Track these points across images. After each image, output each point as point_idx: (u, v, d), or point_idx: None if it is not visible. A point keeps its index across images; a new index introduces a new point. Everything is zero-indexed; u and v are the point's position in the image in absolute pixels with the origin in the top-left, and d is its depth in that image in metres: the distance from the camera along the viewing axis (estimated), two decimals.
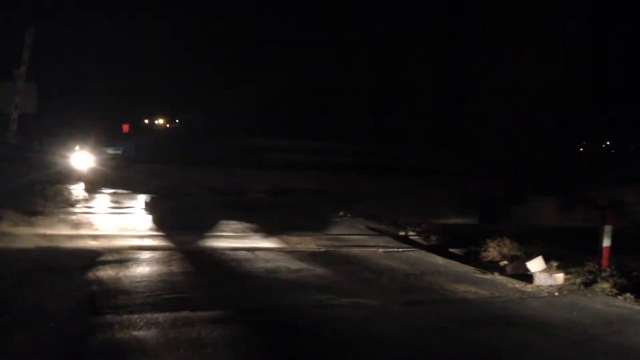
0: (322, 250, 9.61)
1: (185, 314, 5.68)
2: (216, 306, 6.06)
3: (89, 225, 10.41)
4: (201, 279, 7.30)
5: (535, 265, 8.17)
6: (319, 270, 8.09)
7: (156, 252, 8.53)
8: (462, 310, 6.65)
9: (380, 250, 9.91)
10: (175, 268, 7.62)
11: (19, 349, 4.69)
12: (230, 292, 6.80)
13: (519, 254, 9.01)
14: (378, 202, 15.17)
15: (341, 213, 13.28)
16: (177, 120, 41.57)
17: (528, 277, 8.06)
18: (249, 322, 5.67)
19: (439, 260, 9.43)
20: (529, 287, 7.79)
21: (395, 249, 10.07)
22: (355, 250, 9.75)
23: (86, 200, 13.12)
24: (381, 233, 11.58)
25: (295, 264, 8.35)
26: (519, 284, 7.93)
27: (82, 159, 16.65)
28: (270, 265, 8.20)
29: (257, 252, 8.96)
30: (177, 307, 5.88)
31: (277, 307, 6.27)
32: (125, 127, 26.47)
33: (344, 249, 9.77)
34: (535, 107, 25.74)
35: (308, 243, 10.07)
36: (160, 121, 43.11)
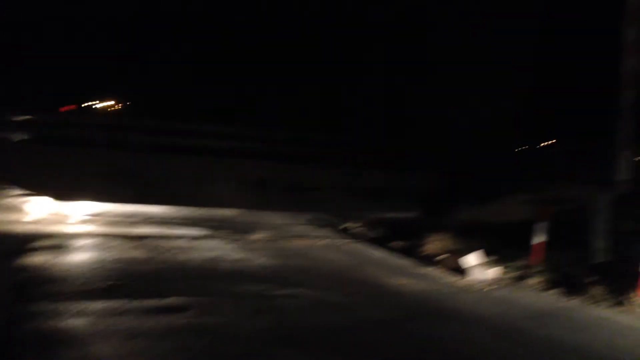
0: (263, 240, 9.59)
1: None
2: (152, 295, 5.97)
3: None
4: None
5: (472, 259, 8.38)
6: (260, 261, 8.07)
7: None
8: (399, 303, 6.77)
9: (322, 241, 9.97)
10: None
11: None
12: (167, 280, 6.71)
13: (457, 248, 9.23)
14: None
15: None
16: (128, 102, 39.58)
17: (463, 272, 8.26)
18: (184, 312, 5.61)
19: (379, 253, 9.57)
20: (464, 281, 8.00)
21: (337, 241, 10.15)
22: (297, 242, 9.77)
23: None
24: (324, 225, 11.64)
25: (236, 254, 8.30)
26: (455, 278, 8.13)
27: None
28: (210, 254, 8.14)
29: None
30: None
31: (214, 298, 6.22)
32: (65, 109, 25.15)
33: (285, 240, 9.78)
34: (477, 103, 26.11)
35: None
36: (111, 102, 41.01)
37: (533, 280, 8.09)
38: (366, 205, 13.91)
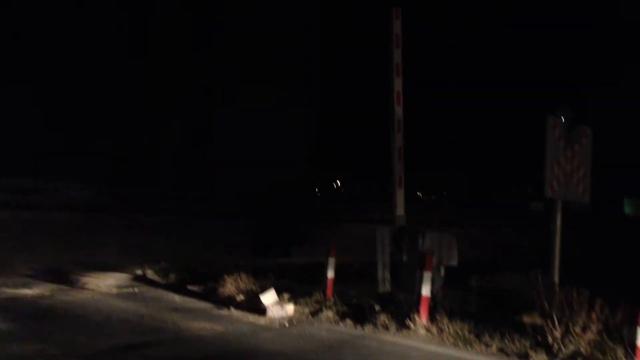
0: (46, 294, 8.71)
1: None
2: None
3: None
4: None
5: (268, 298, 8.51)
6: (36, 323, 7.28)
7: None
8: (197, 348, 6.60)
9: (114, 290, 9.36)
10: None
11: None
12: None
13: (254, 288, 9.32)
14: None
15: None
16: None
17: (262, 310, 8.35)
18: None
19: (177, 298, 9.26)
20: (262, 320, 8.07)
21: (131, 289, 9.61)
22: (85, 293, 9.05)
23: None
24: (116, 272, 10.94)
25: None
26: (253, 318, 8.16)
27: None
28: None
29: None
30: None
31: None
32: None
33: (71, 292, 8.99)
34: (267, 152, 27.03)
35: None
36: None
37: (327, 314, 8.46)
38: (169, 251, 13.36)
